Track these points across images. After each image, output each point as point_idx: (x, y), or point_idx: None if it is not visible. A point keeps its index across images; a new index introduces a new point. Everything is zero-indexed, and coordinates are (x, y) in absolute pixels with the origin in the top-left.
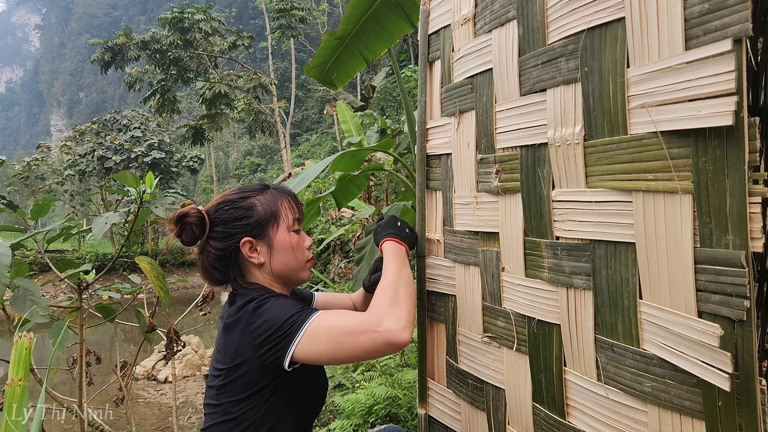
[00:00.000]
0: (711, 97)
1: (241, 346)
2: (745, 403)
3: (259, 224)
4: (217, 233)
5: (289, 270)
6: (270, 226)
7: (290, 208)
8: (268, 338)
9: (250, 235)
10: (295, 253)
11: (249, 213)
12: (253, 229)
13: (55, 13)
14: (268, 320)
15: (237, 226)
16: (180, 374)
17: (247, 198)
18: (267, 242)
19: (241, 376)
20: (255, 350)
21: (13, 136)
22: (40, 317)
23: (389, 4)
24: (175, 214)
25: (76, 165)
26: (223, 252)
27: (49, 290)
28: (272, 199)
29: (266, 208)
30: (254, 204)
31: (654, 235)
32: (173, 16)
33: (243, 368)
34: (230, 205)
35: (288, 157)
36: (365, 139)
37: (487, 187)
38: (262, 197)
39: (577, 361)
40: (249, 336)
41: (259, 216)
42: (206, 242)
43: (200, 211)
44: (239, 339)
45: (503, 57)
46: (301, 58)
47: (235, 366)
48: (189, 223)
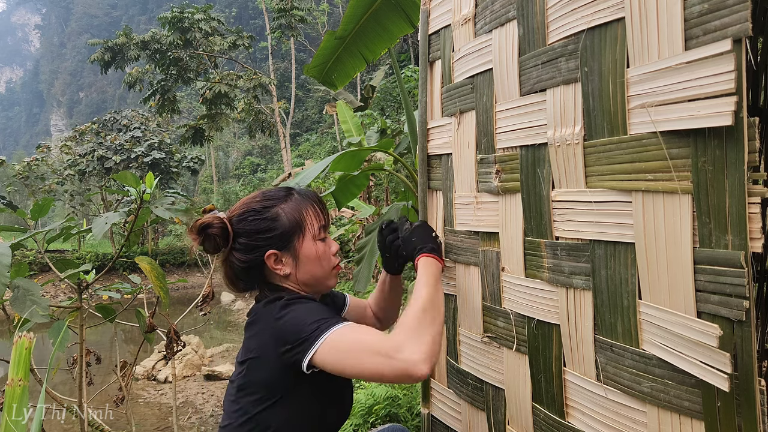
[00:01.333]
0: (711, 97)
1: (264, 339)
2: (744, 404)
3: (285, 236)
4: (241, 245)
5: (315, 279)
6: (295, 237)
7: (315, 216)
8: (292, 336)
9: (275, 247)
10: (321, 262)
11: (274, 225)
12: (278, 241)
13: (55, 13)
14: (295, 318)
15: (261, 238)
16: (180, 374)
17: (271, 207)
18: (293, 254)
19: (260, 370)
20: (277, 346)
21: (13, 136)
22: (40, 317)
23: (389, 4)
24: (196, 222)
25: (76, 165)
26: (247, 264)
27: (49, 290)
28: (297, 208)
29: (291, 218)
30: (279, 214)
31: (653, 236)
32: (173, 16)
33: (263, 363)
34: (254, 216)
35: (288, 157)
36: (365, 139)
37: (487, 187)
38: (287, 206)
39: (577, 362)
40: (273, 331)
41: (284, 227)
42: (230, 253)
43: (223, 221)
44: (262, 332)
45: (503, 57)
46: (301, 58)
47: (255, 358)
48: (212, 234)
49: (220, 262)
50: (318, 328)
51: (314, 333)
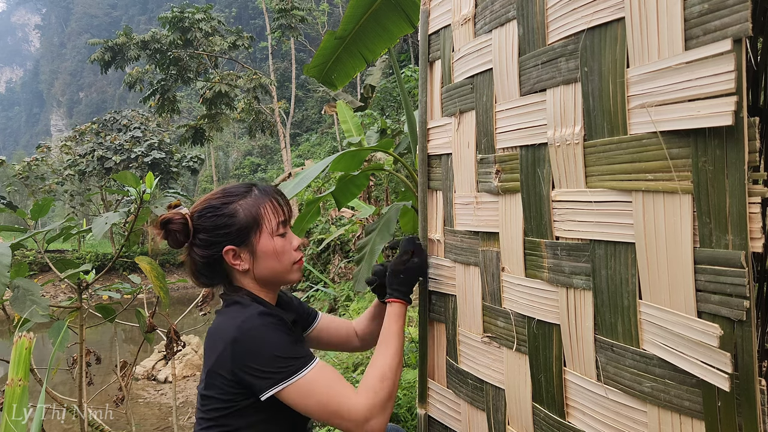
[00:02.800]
0: (711, 97)
1: (223, 360)
2: (744, 404)
3: (241, 232)
4: (201, 240)
5: (275, 275)
6: (252, 233)
7: (274, 212)
8: (257, 366)
9: (233, 243)
10: (279, 257)
11: (231, 221)
12: (235, 237)
13: (55, 13)
14: (259, 346)
15: (219, 234)
16: (180, 374)
17: (229, 204)
18: (250, 249)
19: (217, 382)
20: (233, 365)
21: (13, 136)
22: (40, 317)
23: (389, 4)
24: (160, 217)
25: (76, 165)
26: (207, 259)
27: (49, 290)
28: (255, 204)
29: (248, 215)
30: (236, 211)
31: (654, 235)
32: (173, 16)
33: (220, 377)
34: (213, 212)
35: (288, 157)
36: (365, 139)
37: (487, 187)
38: (245, 202)
39: (577, 361)
40: (233, 348)
41: (240, 224)
42: (191, 248)
43: (184, 217)
44: (221, 353)
45: (503, 57)
46: (301, 58)
47: (213, 372)
48: (172, 230)
49: (184, 256)
50: (288, 367)
51: (283, 372)
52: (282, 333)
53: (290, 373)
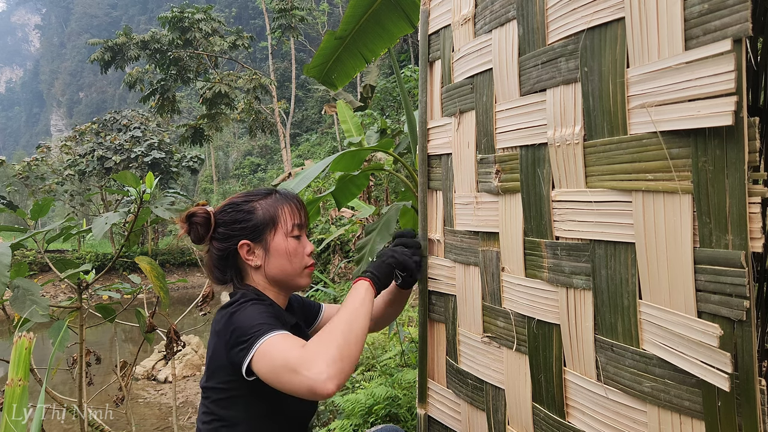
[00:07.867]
0: (711, 97)
1: (219, 346)
2: (744, 403)
3: (257, 228)
4: (220, 234)
5: (285, 275)
6: (268, 231)
7: (291, 214)
8: (236, 339)
9: (248, 238)
10: (291, 258)
11: (249, 216)
12: (251, 232)
13: (55, 13)
14: (239, 322)
15: (236, 228)
16: (180, 374)
17: (249, 202)
18: (264, 246)
19: (218, 371)
20: (227, 349)
21: (13, 136)
22: (40, 317)
23: (389, 4)
24: (185, 211)
25: (76, 165)
26: (222, 252)
27: (49, 290)
28: (273, 204)
29: (266, 213)
30: (255, 208)
31: (654, 235)
32: (173, 16)
33: (219, 364)
34: (233, 208)
35: (288, 157)
36: (365, 139)
37: (487, 187)
38: (265, 201)
39: (577, 361)
40: (224, 337)
41: (257, 220)
42: (210, 242)
43: (207, 212)
44: (217, 340)
45: (503, 57)
46: (301, 58)
47: (213, 360)
48: (195, 222)
49: (205, 252)
50: (256, 333)
51: (251, 338)
52: (261, 307)
53: (259, 335)
